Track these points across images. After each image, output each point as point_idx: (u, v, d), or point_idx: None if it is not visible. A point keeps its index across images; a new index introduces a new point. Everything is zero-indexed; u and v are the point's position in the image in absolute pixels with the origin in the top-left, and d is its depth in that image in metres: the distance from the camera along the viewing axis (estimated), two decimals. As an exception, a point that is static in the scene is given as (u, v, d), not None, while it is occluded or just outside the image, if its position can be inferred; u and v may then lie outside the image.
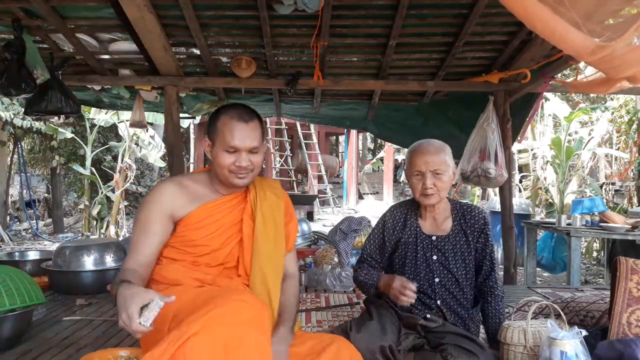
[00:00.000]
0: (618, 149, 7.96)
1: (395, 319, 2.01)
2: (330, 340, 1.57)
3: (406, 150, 2.23)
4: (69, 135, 8.50)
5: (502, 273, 4.35)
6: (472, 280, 2.06)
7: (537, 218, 6.44)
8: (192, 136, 13.58)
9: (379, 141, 24.15)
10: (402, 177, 16.71)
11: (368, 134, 17.55)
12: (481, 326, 2.14)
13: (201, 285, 1.62)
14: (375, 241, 2.15)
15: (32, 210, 10.38)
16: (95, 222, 8.34)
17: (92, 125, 8.64)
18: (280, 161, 14.64)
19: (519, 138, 4.82)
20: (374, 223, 2.40)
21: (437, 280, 2.00)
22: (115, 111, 7.68)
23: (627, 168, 7.31)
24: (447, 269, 1.99)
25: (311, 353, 1.51)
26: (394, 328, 1.93)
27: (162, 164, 8.75)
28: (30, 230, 9.84)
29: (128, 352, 2.14)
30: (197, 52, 3.78)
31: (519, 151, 8.73)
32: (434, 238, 2.02)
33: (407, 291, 1.82)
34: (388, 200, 15.49)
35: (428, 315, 2.00)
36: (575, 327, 1.80)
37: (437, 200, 1.97)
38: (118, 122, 8.33)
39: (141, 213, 1.64)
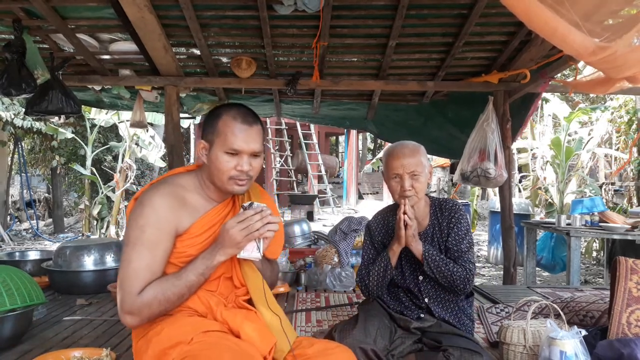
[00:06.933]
0: (617, 149, 7.97)
1: (388, 321, 2.01)
2: (335, 346, 1.59)
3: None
4: (70, 135, 8.52)
5: (502, 273, 4.36)
6: None
7: (537, 218, 6.47)
8: (192, 136, 13.62)
9: (379, 141, 24.17)
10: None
11: (368, 134, 17.56)
12: (477, 323, 2.13)
13: (198, 313, 1.53)
14: (369, 250, 2.16)
15: (32, 210, 10.40)
16: (95, 222, 8.36)
17: (93, 126, 8.66)
18: (280, 161, 14.65)
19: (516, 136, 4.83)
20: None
21: (421, 278, 2.02)
22: (115, 111, 7.70)
23: (623, 165, 7.32)
24: None
25: (317, 355, 1.52)
26: (385, 331, 1.93)
27: (162, 164, 8.76)
28: (30, 230, 9.86)
29: (81, 353, 2.15)
30: (198, 52, 3.79)
31: (519, 151, 8.75)
32: None
33: (401, 218, 1.90)
34: (388, 200, 15.50)
35: (422, 315, 2.01)
36: (575, 327, 1.80)
37: (416, 201, 1.99)
38: (118, 122, 8.34)
39: (145, 231, 1.46)
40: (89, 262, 3.47)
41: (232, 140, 1.51)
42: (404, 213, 1.91)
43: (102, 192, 8.29)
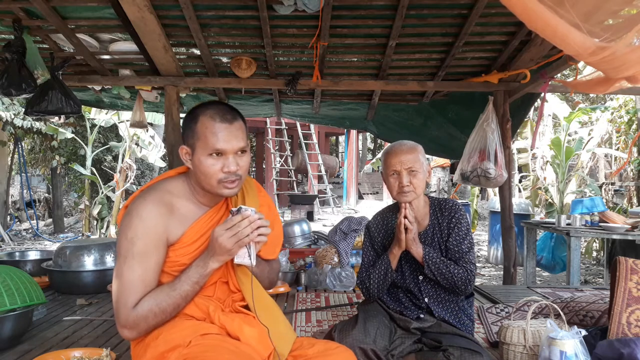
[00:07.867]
0: (618, 149, 7.98)
1: (388, 321, 2.01)
2: (336, 346, 1.59)
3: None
4: (70, 135, 8.53)
5: (502, 273, 4.36)
6: None
7: (537, 218, 6.46)
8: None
9: (379, 141, 24.19)
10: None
11: (368, 134, 17.55)
12: (477, 323, 2.12)
13: (195, 318, 1.51)
14: (369, 252, 2.16)
15: (32, 210, 10.41)
16: (95, 222, 8.36)
17: (93, 126, 8.67)
18: (280, 161, 14.66)
19: (531, 144, 4.84)
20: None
21: (421, 278, 2.02)
22: (115, 111, 7.70)
23: (622, 166, 7.33)
24: None
25: (318, 355, 1.51)
26: (385, 331, 1.93)
27: (162, 164, 8.77)
28: (30, 230, 9.86)
29: (81, 353, 2.16)
30: (198, 52, 3.79)
31: (519, 151, 8.75)
32: None
33: (402, 222, 1.90)
34: (388, 200, 15.51)
35: (421, 315, 2.01)
36: (575, 327, 1.80)
37: (414, 197, 2.00)
38: (118, 122, 8.34)
39: (135, 244, 1.42)
40: (89, 262, 3.47)
41: (213, 142, 1.44)
42: (405, 217, 1.91)
43: (102, 192, 8.29)
